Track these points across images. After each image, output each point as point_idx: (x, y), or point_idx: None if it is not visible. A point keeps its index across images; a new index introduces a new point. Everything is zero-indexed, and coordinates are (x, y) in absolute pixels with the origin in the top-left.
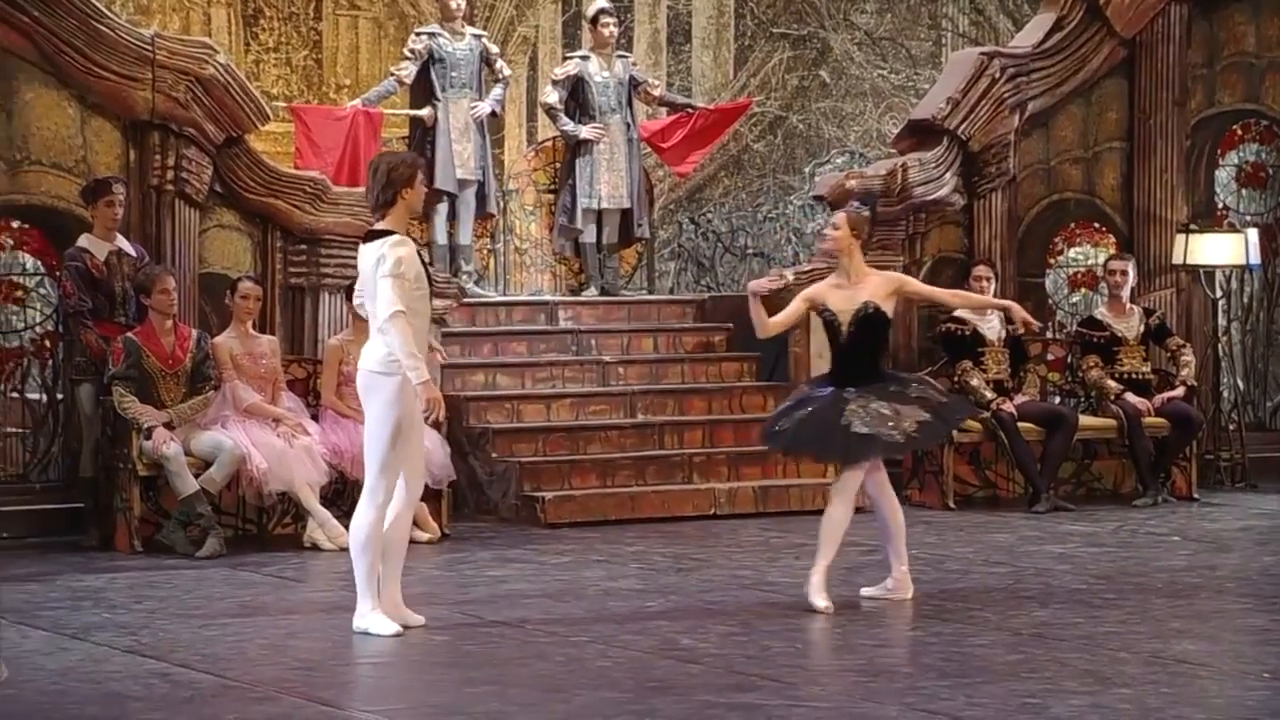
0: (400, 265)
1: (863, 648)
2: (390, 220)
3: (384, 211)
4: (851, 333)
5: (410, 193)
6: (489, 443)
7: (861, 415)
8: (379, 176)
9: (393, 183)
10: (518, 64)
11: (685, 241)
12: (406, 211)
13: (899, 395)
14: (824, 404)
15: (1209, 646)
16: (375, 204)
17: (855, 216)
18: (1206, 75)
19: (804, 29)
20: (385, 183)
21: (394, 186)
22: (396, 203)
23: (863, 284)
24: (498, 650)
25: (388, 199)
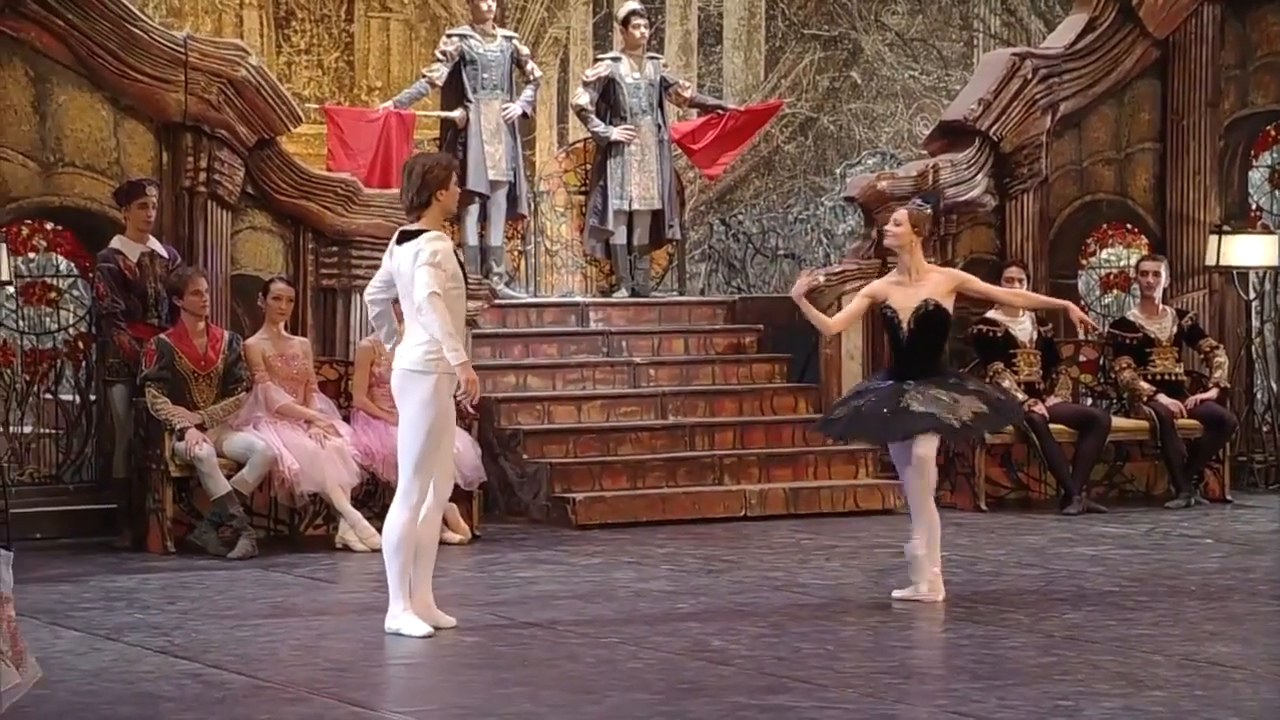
0: (437, 256)
1: (894, 649)
2: (425, 221)
3: (419, 213)
4: (912, 330)
5: (445, 194)
6: (520, 444)
7: (919, 399)
8: (414, 178)
9: (428, 184)
10: (549, 65)
11: (716, 243)
12: (441, 213)
13: (958, 387)
14: (882, 393)
15: (1242, 649)
16: (410, 205)
17: (917, 213)
18: (1239, 76)
19: (835, 30)
20: (420, 184)
21: (429, 189)
22: (431, 204)
23: (924, 281)
24: (528, 651)
25: (423, 201)
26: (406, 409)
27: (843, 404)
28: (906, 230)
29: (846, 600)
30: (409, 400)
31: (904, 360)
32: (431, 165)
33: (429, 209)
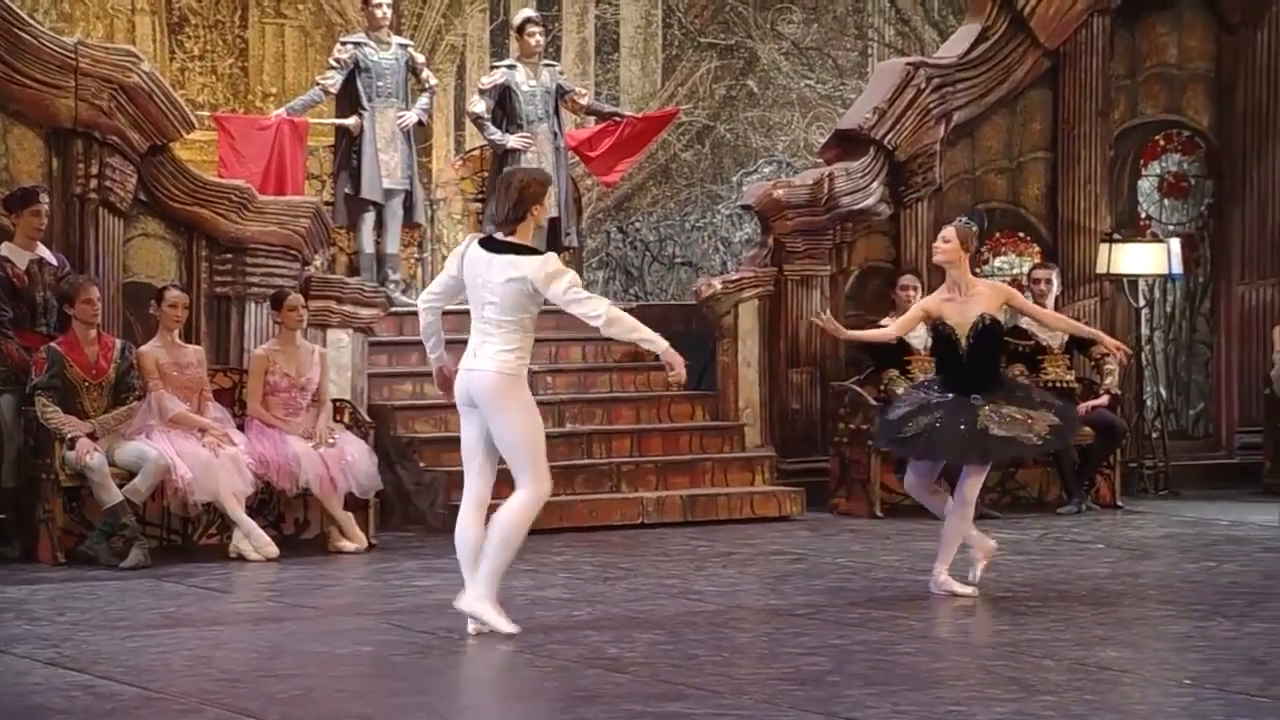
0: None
1: (789, 656)
2: (520, 235)
3: (513, 227)
4: (971, 344)
5: (539, 209)
6: (416, 452)
7: (996, 420)
8: (511, 193)
9: (524, 200)
10: (445, 73)
11: (613, 250)
12: (534, 227)
13: (1026, 400)
14: (951, 410)
15: (1132, 653)
16: (505, 219)
17: (964, 230)
18: (1129, 86)
19: (731, 38)
20: (517, 200)
21: (525, 204)
22: (526, 219)
23: (973, 295)
24: (424, 660)
25: (519, 215)
26: (507, 411)
27: (908, 420)
28: (955, 246)
29: (742, 607)
30: (509, 402)
31: (965, 373)
32: (529, 181)
33: (523, 223)
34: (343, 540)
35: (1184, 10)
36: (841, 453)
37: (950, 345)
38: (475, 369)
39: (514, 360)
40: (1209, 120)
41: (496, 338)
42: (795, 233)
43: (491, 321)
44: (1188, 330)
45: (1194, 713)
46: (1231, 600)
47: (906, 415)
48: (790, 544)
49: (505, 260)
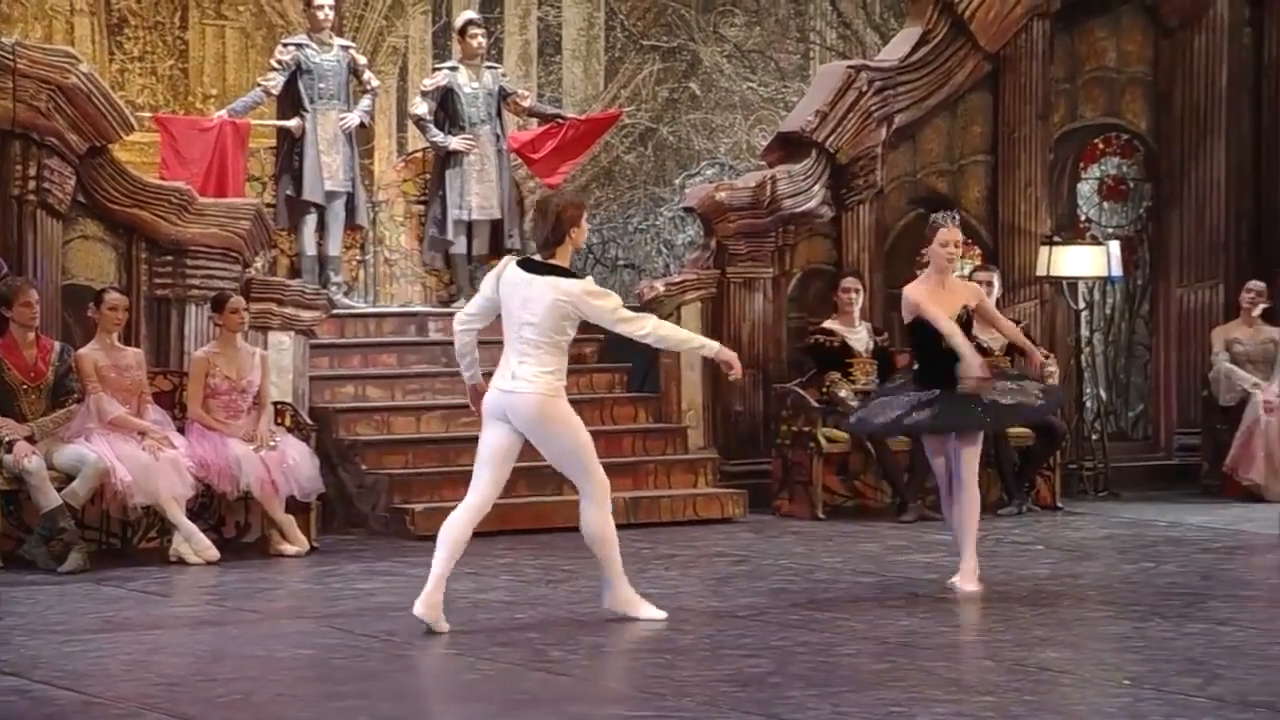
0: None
1: (731, 657)
2: (559, 257)
3: (553, 250)
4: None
5: (577, 232)
6: (358, 455)
7: (996, 392)
8: (549, 216)
9: (562, 223)
10: (387, 75)
11: None
12: (573, 249)
13: (1004, 374)
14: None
15: (1071, 654)
16: (545, 242)
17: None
18: (1069, 90)
19: (674, 41)
20: (555, 223)
21: (563, 227)
22: (564, 242)
23: (955, 290)
24: (365, 664)
25: (557, 238)
26: (554, 431)
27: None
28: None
29: (685, 609)
30: (554, 423)
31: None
32: (565, 205)
33: (562, 245)
34: (284, 543)
35: (1122, 14)
36: (784, 455)
37: (936, 337)
38: (516, 391)
39: (554, 380)
40: (1147, 123)
41: (534, 359)
42: (738, 235)
43: (530, 342)
44: (1127, 332)
45: (1132, 713)
46: (1169, 601)
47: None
48: (732, 546)
49: (547, 282)
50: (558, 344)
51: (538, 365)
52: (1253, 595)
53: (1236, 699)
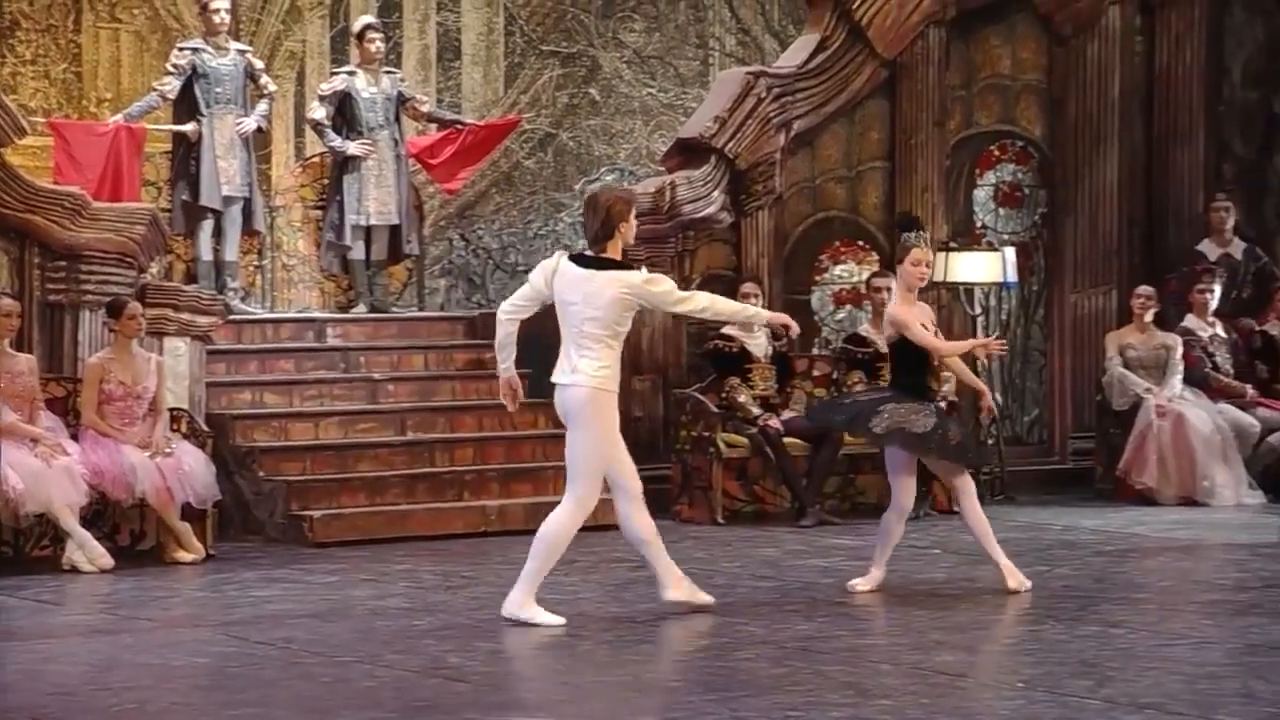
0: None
1: (630, 663)
2: (611, 250)
3: (603, 245)
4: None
5: (625, 227)
6: (255, 461)
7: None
8: (599, 211)
9: (611, 218)
10: (284, 79)
11: (456, 258)
12: (622, 244)
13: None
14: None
15: (967, 657)
16: (594, 237)
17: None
18: (965, 97)
19: (574, 47)
20: (605, 218)
21: (612, 222)
22: (614, 236)
23: (920, 305)
24: (261, 672)
25: (607, 233)
26: (590, 423)
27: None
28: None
29: (584, 615)
30: (595, 420)
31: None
32: (614, 200)
33: (612, 240)
34: (180, 551)
35: (1017, 23)
36: (684, 460)
37: (920, 355)
38: (573, 384)
39: (609, 375)
40: (1042, 130)
41: (594, 353)
42: (637, 240)
43: (592, 336)
44: (1023, 338)
45: (1026, 715)
46: (1063, 604)
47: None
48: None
49: (609, 276)
50: (618, 335)
51: (597, 360)
52: (1144, 598)
53: (1128, 701)
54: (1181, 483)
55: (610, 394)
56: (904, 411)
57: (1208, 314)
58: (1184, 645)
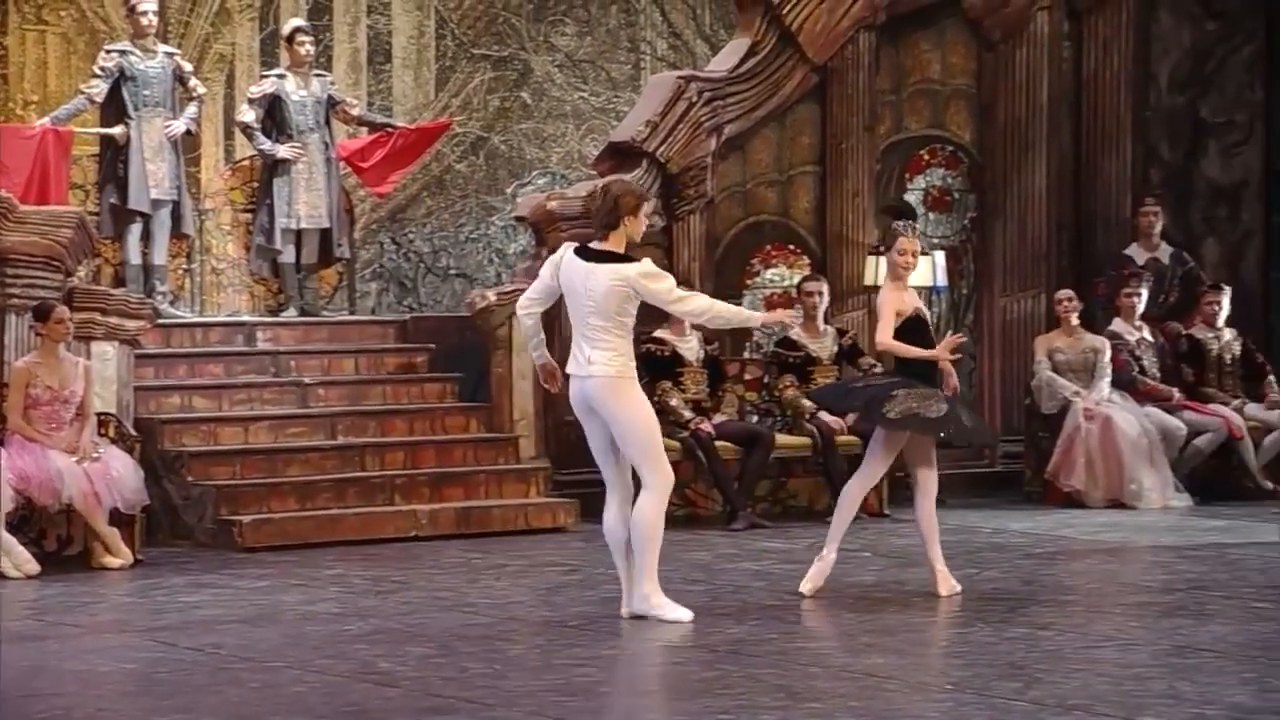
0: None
1: (562, 667)
2: (611, 243)
3: (606, 234)
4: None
5: (632, 221)
6: (185, 466)
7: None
8: (608, 200)
9: (618, 209)
10: (214, 82)
11: (387, 262)
12: (626, 237)
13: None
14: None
15: (896, 660)
16: (599, 225)
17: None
18: (894, 101)
19: (505, 50)
20: (612, 208)
21: (619, 213)
22: (619, 227)
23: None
24: (189, 678)
25: (611, 223)
26: (627, 410)
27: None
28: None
29: (515, 619)
30: (626, 401)
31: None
32: (625, 193)
33: (615, 231)
34: (107, 556)
35: (946, 28)
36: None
37: (920, 335)
38: (591, 376)
39: (623, 362)
40: (971, 135)
41: (602, 343)
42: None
43: (596, 328)
44: None
45: (954, 717)
46: (992, 606)
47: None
48: (564, 555)
49: (607, 268)
50: (623, 325)
51: (606, 350)
52: (1072, 600)
53: (1055, 702)
54: (1109, 485)
55: (630, 380)
56: (917, 398)
57: (1135, 318)
58: (1111, 647)
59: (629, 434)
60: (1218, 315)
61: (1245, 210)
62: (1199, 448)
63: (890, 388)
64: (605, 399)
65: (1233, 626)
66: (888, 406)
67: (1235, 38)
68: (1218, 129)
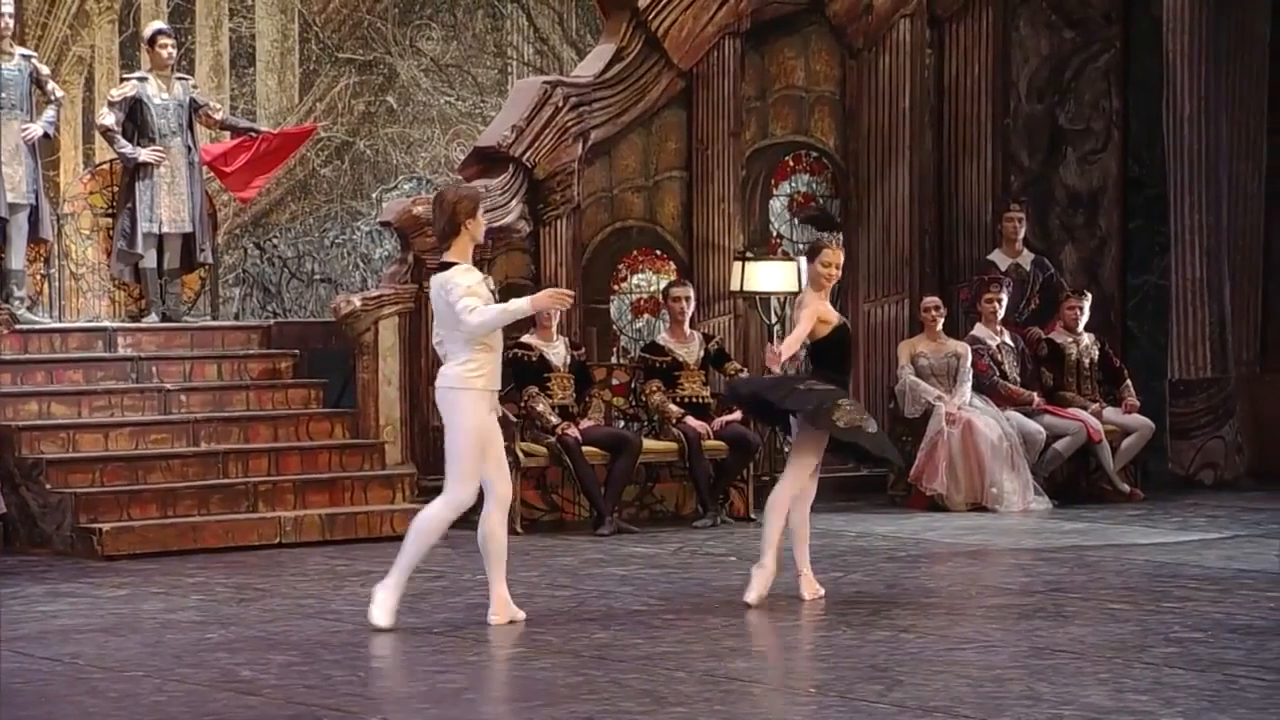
0: (470, 289)
1: (425, 674)
2: (454, 251)
3: (447, 243)
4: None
5: (472, 223)
6: (43, 473)
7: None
8: (444, 208)
9: (456, 214)
10: (72, 85)
11: (251, 267)
12: (469, 241)
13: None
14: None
15: (760, 663)
16: (440, 234)
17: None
18: (760, 108)
19: (370, 54)
20: (450, 215)
21: (457, 218)
22: (459, 233)
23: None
24: (46, 688)
25: (452, 229)
26: (453, 421)
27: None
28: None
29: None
30: (454, 416)
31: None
32: (459, 197)
33: (457, 237)
34: None
35: (811, 35)
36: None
37: (847, 347)
38: (439, 386)
39: (464, 373)
40: (835, 141)
41: (451, 354)
42: (436, 249)
43: (445, 338)
44: None
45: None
46: (855, 609)
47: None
48: (430, 562)
49: (438, 278)
50: (463, 338)
51: (453, 359)
52: (934, 603)
53: (917, 705)
54: (971, 489)
55: (464, 391)
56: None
57: (996, 323)
58: (972, 649)
59: (449, 444)
60: (1079, 320)
61: (1102, 216)
62: (1058, 451)
63: (835, 395)
64: (442, 408)
65: (1090, 628)
66: (837, 415)
67: (1092, 46)
68: (1075, 136)
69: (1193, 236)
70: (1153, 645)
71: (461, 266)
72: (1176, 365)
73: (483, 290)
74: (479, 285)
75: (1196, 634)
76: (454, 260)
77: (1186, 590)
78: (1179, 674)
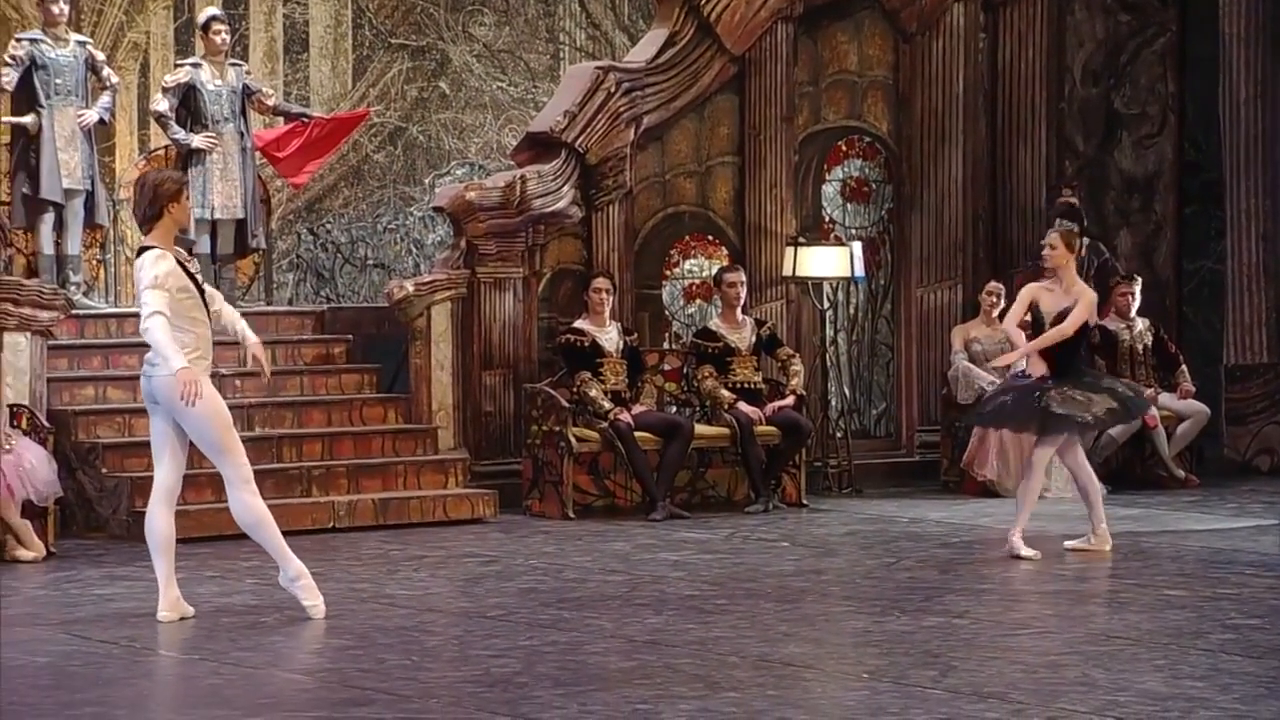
0: (158, 280)
1: (479, 658)
2: (156, 235)
3: (150, 226)
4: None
5: (176, 208)
6: (99, 458)
7: (1058, 399)
8: (146, 192)
9: (158, 198)
10: (128, 71)
11: (304, 252)
12: (173, 226)
13: (1092, 385)
14: (1025, 389)
15: (814, 649)
16: (142, 219)
17: (1067, 234)
18: (812, 93)
19: (423, 40)
20: (152, 197)
21: (159, 202)
22: (163, 217)
23: (1070, 293)
24: (103, 670)
25: (154, 214)
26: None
27: (990, 399)
28: (1062, 251)
29: (434, 610)
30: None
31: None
32: (162, 180)
33: (160, 221)
34: (20, 549)
35: (864, 19)
36: (535, 455)
37: (1038, 329)
38: (154, 376)
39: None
40: (888, 126)
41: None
42: (488, 235)
43: None
44: (870, 332)
45: (870, 705)
46: (909, 595)
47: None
48: (483, 546)
49: (136, 262)
50: (183, 316)
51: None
52: (987, 589)
53: (971, 690)
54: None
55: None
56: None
57: None
58: (1026, 635)
59: (198, 431)
60: (1130, 306)
61: (1158, 201)
62: (1113, 437)
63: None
64: (171, 398)
65: (1146, 614)
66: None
67: (1148, 30)
68: (1131, 120)
69: (1249, 221)
70: (1209, 631)
71: (156, 252)
72: (1232, 350)
73: (176, 280)
74: (167, 277)
75: (1253, 620)
76: (153, 244)
77: (1243, 576)
78: (1235, 660)
